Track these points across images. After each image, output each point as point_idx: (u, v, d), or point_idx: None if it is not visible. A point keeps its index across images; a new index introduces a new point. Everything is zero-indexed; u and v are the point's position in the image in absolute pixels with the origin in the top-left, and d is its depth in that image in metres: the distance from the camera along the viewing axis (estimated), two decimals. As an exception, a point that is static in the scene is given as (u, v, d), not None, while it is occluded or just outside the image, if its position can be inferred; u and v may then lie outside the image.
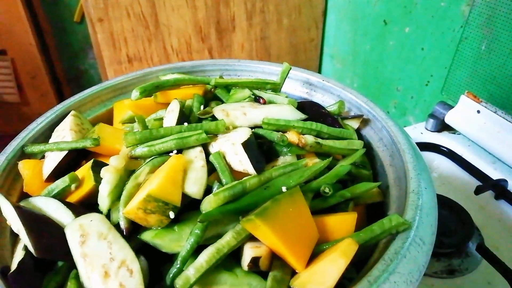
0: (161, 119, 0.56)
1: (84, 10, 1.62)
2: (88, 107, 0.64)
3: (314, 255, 0.40)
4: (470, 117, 0.94)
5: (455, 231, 0.71)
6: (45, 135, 0.57)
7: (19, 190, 0.51)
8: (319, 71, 1.71)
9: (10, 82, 2.14)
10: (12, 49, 2.04)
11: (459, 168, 0.90)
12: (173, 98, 0.60)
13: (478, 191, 0.80)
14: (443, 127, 1.01)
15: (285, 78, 0.63)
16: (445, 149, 0.94)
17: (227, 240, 0.39)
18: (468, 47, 0.96)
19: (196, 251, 0.39)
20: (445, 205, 0.75)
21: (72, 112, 0.59)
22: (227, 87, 0.63)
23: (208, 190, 0.44)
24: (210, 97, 0.64)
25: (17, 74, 2.12)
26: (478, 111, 0.92)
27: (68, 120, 0.57)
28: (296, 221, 0.40)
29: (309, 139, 0.49)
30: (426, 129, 1.02)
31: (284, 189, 0.42)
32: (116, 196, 0.43)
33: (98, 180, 0.45)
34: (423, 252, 0.40)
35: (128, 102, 0.60)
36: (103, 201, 0.43)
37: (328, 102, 0.64)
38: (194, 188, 0.42)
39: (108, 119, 0.64)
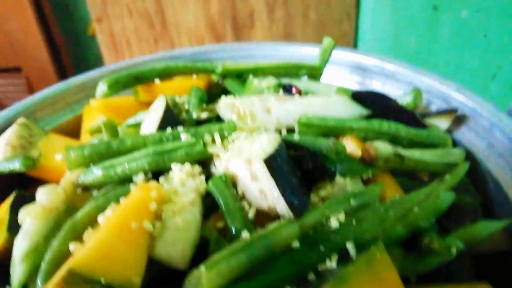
0: (140, 124, 0.36)
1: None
2: (47, 112, 0.45)
3: None
4: None
5: None
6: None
7: None
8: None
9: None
10: (27, 66, 2.00)
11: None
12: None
13: None
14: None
15: (327, 60, 0.42)
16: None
17: None
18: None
19: None
20: None
21: (19, 120, 0.41)
22: (241, 76, 0.42)
23: (203, 246, 0.23)
24: (218, 92, 0.44)
25: (32, 91, 2.06)
26: None
27: (10, 131, 0.39)
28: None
29: (384, 148, 0.28)
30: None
31: (350, 248, 0.21)
32: (38, 261, 0.24)
33: (15, 229, 0.26)
34: None
35: (99, 103, 0.41)
36: (15, 271, 0.23)
37: (392, 93, 0.43)
38: (172, 249, 0.21)
39: (77, 128, 0.45)
